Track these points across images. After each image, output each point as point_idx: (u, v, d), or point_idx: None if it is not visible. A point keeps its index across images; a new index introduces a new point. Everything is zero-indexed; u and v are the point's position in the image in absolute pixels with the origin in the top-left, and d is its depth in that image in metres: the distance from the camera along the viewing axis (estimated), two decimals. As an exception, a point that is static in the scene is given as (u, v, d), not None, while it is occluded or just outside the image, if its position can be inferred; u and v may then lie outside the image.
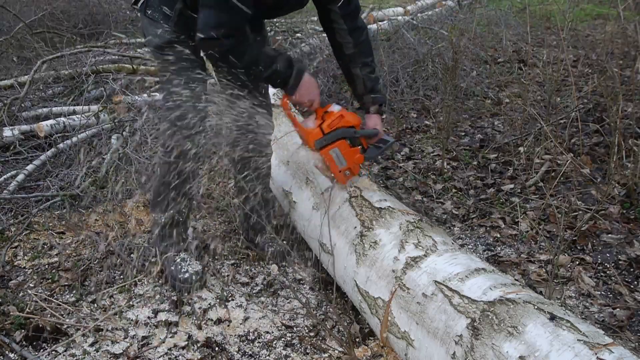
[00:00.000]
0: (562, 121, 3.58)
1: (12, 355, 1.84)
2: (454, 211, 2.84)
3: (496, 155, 3.43)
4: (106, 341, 1.92)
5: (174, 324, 2.01)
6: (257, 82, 2.07)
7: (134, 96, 3.94)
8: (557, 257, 2.14)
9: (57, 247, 2.51)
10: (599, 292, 2.15)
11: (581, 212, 2.67)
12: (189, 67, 1.98)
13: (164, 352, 1.87)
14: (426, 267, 1.62)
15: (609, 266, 2.30)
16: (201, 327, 1.98)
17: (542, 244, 2.47)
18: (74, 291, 2.20)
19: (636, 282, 2.21)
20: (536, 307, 1.29)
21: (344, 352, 1.82)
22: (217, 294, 2.17)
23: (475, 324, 1.34)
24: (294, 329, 2.00)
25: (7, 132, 3.51)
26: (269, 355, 1.86)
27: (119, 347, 1.89)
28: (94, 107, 3.87)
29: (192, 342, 1.91)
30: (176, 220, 2.18)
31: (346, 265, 1.90)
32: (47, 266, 2.38)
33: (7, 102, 3.83)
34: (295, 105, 2.00)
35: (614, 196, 2.75)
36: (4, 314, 1.99)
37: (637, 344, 1.84)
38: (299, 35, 5.73)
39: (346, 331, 1.92)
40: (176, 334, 1.96)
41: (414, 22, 6.38)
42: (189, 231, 2.34)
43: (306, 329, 2.00)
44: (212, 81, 2.28)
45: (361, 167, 2.14)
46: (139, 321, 2.03)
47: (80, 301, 2.14)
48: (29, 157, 3.40)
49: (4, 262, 2.38)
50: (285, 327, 2.01)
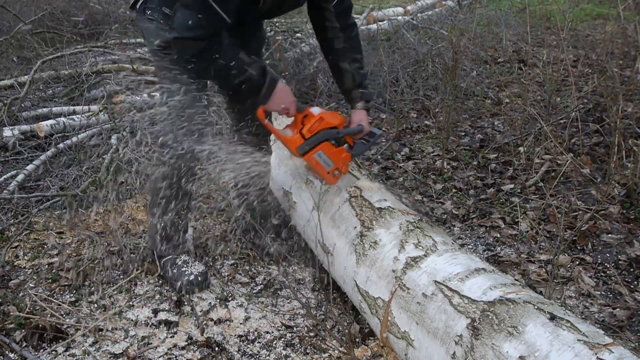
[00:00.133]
0: (562, 121, 3.58)
1: (12, 355, 1.84)
2: (454, 211, 2.84)
3: (496, 155, 3.43)
4: (106, 341, 1.92)
5: (174, 324, 2.01)
6: (226, 88, 2.05)
7: (133, 96, 3.94)
8: (557, 257, 2.14)
9: (57, 247, 2.51)
10: (599, 292, 2.15)
11: (581, 212, 2.67)
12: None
13: (164, 352, 1.87)
14: (426, 267, 1.62)
15: (609, 266, 2.30)
16: (203, 330, 1.97)
17: (542, 244, 2.47)
18: (74, 291, 2.20)
19: (636, 282, 2.21)
20: (536, 307, 1.29)
21: (344, 352, 1.82)
22: (217, 294, 2.17)
23: (475, 324, 1.34)
24: (294, 329, 2.00)
25: (7, 132, 3.51)
26: (269, 355, 1.86)
27: (119, 347, 1.89)
28: (94, 107, 3.87)
29: (192, 342, 1.92)
30: (175, 222, 2.18)
31: (346, 265, 1.90)
32: (47, 266, 2.38)
33: (7, 102, 3.83)
34: (271, 114, 1.98)
35: (614, 196, 2.75)
36: (4, 314, 1.99)
37: (637, 344, 1.84)
38: (299, 35, 5.73)
39: (346, 331, 1.92)
40: (176, 334, 1.96)
41: (414, 22, 6.38)
42: (189, 231, 2.34)
43: (306, 329, 2.00)
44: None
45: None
46: (139, 321, 2.03)
47: (80, 301, 2.14)
48: (29, 157, 3.40)
49: (4, 262, 2.38)
50: (285, 327, 2.01)
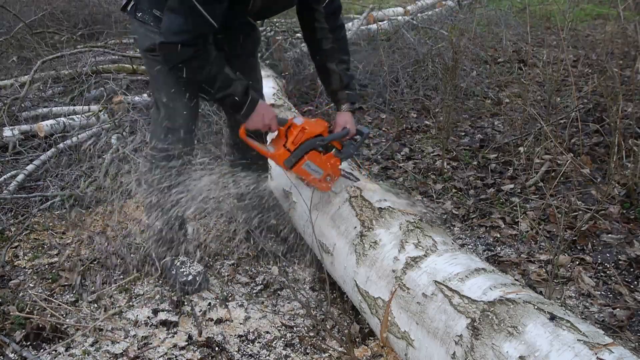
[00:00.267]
0: (562, 121, 3.58)
1: (12, 355, 1.84)
2: (454, 211, 2.84)
3: (496, 155, 3.43)
4: (106, 341, 1.92)
5: (174, 324, 2.01)
6: (208, 99, 2.06)
7: (133, 96, 3.94)
8: (557, 257, 2.14)
9: (57, 247, 2.51)
10: (599, 292, 2.15)
11: (581, 212, 2.67)
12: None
13: (164, 352, 1.87)
14: (426, 267, 1.62)
15: (609, 266, 2.30)
16: (201, 332, 1.97)
17: (542, 244, 2.47)
18: (74, 291, 2.20)
19: (636, 282, 2.21)
20: (536, 307, 1.29)
21: (344, 352, 1.82)
22: (217, 294, 2.17)
23: (475, 324, 1.34)
24: (294, 329, 2.00)
25: (7, 132, 3.51)
26: (269, 355, 1.86)
27: (119, 347, 1.89)
28: (94, 107, 3.87)
29: (192, 342, 1.92)
30: (172, 224, 2.17)
31: (346, 265, 1.90)
32: (47, 266, 2.38)
33: (7, 102, 3.83)
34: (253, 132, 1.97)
35: (614, 196, 2.75)
36: (4, 314, 1.99)
37: (637, 344, 1.84)
38: (299, 35, 5.73)
39: (346, 331, 1.92)
40: (176, 334, 1.96)
41: (414, 22, 6.38)
42: (188, 230, 2.34)
43: (306, 329, 2.00)
44: None
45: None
46: (139, 321, 2.03)
47: (80, 301, 2.14)
48: (29, 157, 3.40)
49: (4, 262, 2.38)
50: (285, 327, 2.01)
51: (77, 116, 3.73)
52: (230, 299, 2.15)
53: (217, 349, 1.89)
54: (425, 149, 3.65)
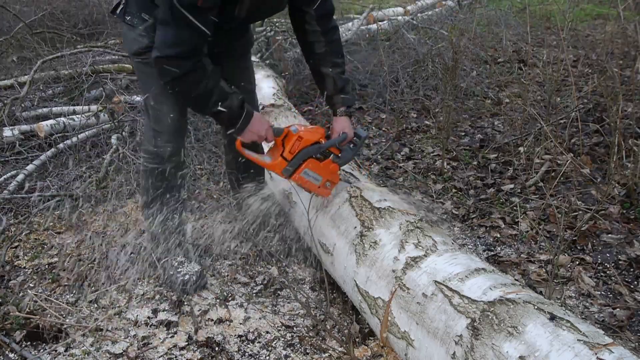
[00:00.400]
0: (562, 121, 3.58)
1: (12, 355, 1.84)
2: (454, 211, 2.84)
3: (496, 155, 3.43)
4: (106, 341, 1.92)
5: (174, 324, 2.01)
6: (202, 113, 2.04)
7: (133, 96, 3.94)
8: (557, 257, 2.14)
9: (57, 247, 2.51)
10: (599, 292, 2.15)
11: (581, 212, 2.67)
12: None
13: (164, 352, 1.87)
14: (426, 267, 1.62)
15: (609, 266, 2.30)
16: (197, 331, 1.97)
17: (542, 244, 2.47)
18: (74, 291, 2.20)
19: (636, 282, 2.21)
20: (536, 307, 1.29)
21: (344, 352, 1.82)
22: (217, 294, 2.17)
23: (475, 324, 1.34)
24: (294, 329, 2.00)
25: (7, 132, 3.51)
26: (269, 355, 1.86)
27: (119, 347, 1.89)
28: (94, 107, 3.87)
29: (192, 342, 1.92)
30: (169, 225, 2.17)
31: (346, 265, 1.90)
32: (47, 266, 2.38)
33: (7, 102, 3.83)
34: (248, 145, 1.96)
35: (614, 196, 2.75)
36: (4, 314, 1.99)
37: (637, 344, 1.84)
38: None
39: (346, 331, 1.92)
40: (176, 334, 1.96)
41: (414, 22, 6.39)
42: (187, 230, 2.34)
43: (306, 329, 2.00)
44: None
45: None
46: (139, 321, 2.03)
47: (80, 301, 2.14)
48: (29, 157, 3.40)
49: (4, 262, 2.38)
50: (285, 327, 2.01)
51: (77, 116, 3.73)
52: (230, 299, 2.15)
53: (217, 349, 1.89)
54: (425, 149, 3.65)
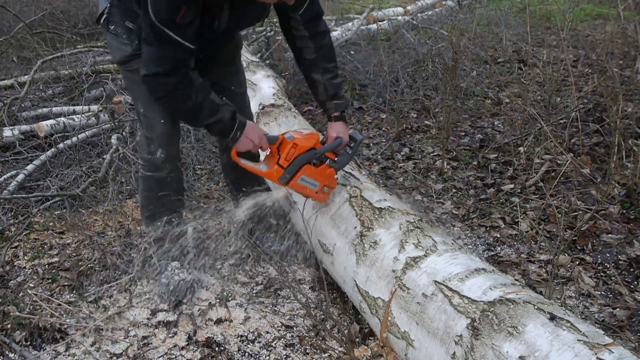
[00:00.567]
0: (562, 121, 3.58)
1: (12, 355, 1.84)
2: (454, 211, 2.84)
3: (496, 155, 3.43)
4: (106, 341, 1.92)
5: (174, 324, 2.01)
6: (194, 126, 2.03)
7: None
8: (557, 257, 2.14)
9: (57, 247, 2.51)
10: (599, 292, 2.15)
11: (581, 212, 2.67)
12: None
13: (164, 352, 1.87)
14: (426, 267, 1.62)
15: (609, 266, 2.30)
16: (195, 332, 1.97)
17: (542, 244, 2.47)
18: (74, 291, 2.20)
19: (636, 282, 2.21)
20: (536, 307, 1.29)
21: (344, 352, 1.82)
22: (217, 294, 2.17)
23: (475, 324, 1.34)
24: (294, 329, 2.00)
25: (7, 132, 3.51)
26: (269, 355, 1.86)
27: (119, 347, 1.89)
28: (94, 107, 3.87)
29: (192, 342, 1.92)
30: (167, 230, 2.16)
31: (346, 265, 1.90)
32: (47, 266, 2.38)
33: (7, 102, 3.83)
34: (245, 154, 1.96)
35: (614, 196, 2.75)
36: (4, 314, 1.99)
37: (637, 344, 1.84)
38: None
39: (346, 331, 1.92)
40: (176, 334, 1.96)
41: (414, 22, 6.38)
42: (188, 231, 2.34)
43: (306, 329, 2.00)
44: None
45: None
46: (139, 321, 2.03)
47: (80, 301, 2.14)
48: (29, 157, 3.40)
49: (4, 262, 2.38)
50: (285, 327, 2.01)
51: (77, 116, 3.73)
52: (230, 299, 2.15)
53: (217, 349, 1.89)
54: (425, 149, 3.65)
